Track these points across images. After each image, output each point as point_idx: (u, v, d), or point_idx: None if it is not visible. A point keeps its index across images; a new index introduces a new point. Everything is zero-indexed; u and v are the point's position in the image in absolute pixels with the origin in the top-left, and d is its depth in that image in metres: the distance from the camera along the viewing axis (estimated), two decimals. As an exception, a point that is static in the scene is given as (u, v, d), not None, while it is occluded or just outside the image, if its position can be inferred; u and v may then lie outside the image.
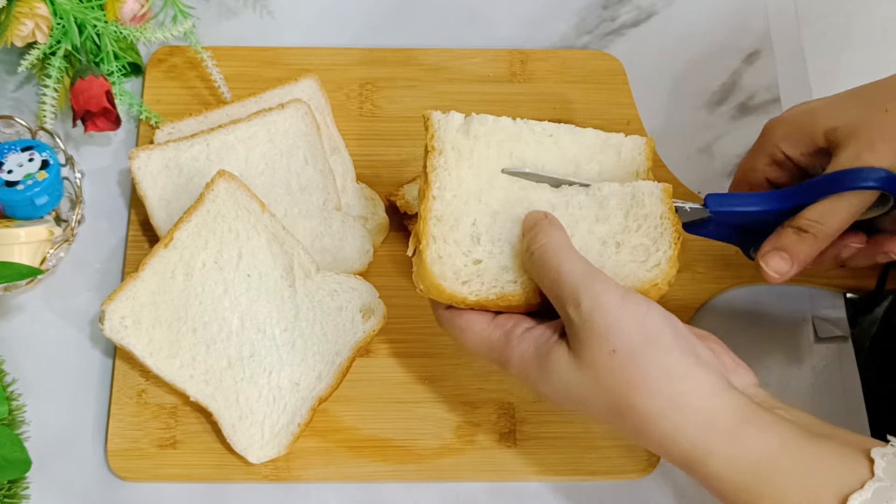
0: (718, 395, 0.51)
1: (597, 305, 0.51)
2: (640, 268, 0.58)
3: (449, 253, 0.57)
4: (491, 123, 0.60)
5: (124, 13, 0.73)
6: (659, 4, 0.83)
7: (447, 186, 0.58)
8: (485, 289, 0.57)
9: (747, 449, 0.50)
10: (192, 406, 0.67)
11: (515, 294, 0.57)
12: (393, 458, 0.67)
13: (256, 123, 0.71)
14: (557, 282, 0.53)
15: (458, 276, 0.57)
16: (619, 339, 0.51)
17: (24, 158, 0.70)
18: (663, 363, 0.51)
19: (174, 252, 0.66)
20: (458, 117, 0.60)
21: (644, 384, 0.50)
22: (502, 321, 0.57)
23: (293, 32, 0.81)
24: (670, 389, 0.50)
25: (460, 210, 0.57)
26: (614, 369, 0.51)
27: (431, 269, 0.56)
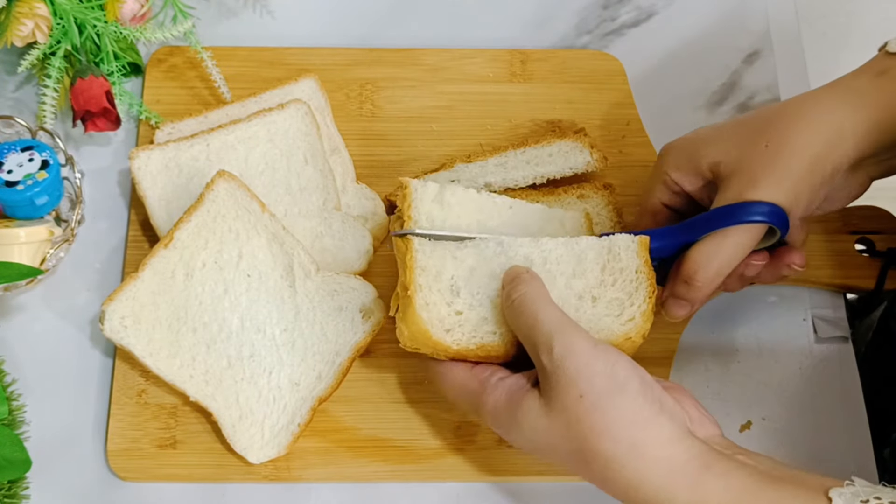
0: (679, 443, 0.52)
1: (568, 351, 0.53)
2: (615, 321, 0.60)
3: (434, 301, 0.59)
4: (461, 194, 0.64)
5: (124, 13, 0.73)
6: (659, 4, 0.83)
7: (426, 241, 0.60)
8: (465, 338, 0.59)
9: (708, 495, 0.51)
10: (191, 406, 0.67)
11: (494, 345, 0.59)
12: (393, 457, 0.67)
13: (256, 123, 0.71)
14: (533, 328, 0.55)
15: (443, 323, 0.59)
16: (586, 384, 0.52)
17: (24, 158, 0.70)
18: (627, 410, 0.52)
19: (174, 252, 0.66)
20: (433, 187, 0.63)
21: (607, 430, 0.52)
22: (479, 371, 0.59)
23: (293, 32, 0.81)
24: (633, 437, 0.52)
25: (440, 264, 0.59)
26: (581, 414, 0.52)
27: (420, 314, 0.58)
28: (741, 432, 0.69)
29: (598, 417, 0.52)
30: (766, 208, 0.58)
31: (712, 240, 0.59)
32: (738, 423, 0.70)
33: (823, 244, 0.73)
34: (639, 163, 0.76)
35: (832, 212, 0.67)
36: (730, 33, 0.82)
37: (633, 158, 0.76)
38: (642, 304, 0.60)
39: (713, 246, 0.59)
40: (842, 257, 0.73)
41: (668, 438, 0.52)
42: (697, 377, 0.71)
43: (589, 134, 0.75)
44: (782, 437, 0.69)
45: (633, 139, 0.77)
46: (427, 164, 0.75)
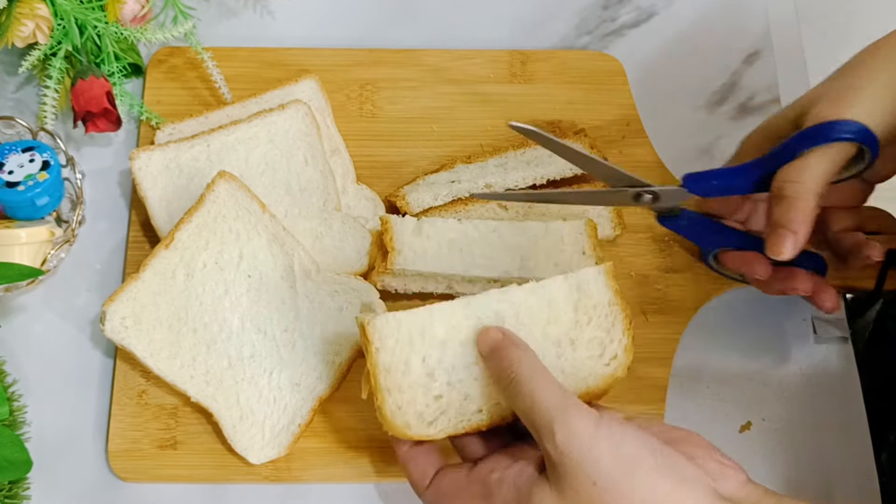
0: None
1: (570, 437, 0.50)
2: (598, 363, 0.58)
3: (407, 400, 0.55)
4: (440, 224, 0.67)
5: (125, 14, 0.73)
6: (659, 5, 0.83)
7: (388, 333, 0.55)
8: (452, 424, 0.56)
9: None
10: (192, 407, 0.67)
11: (483, 422, 0.57)
12: (393, 458, 0.66)
13: (257, 124, 0.71)
14: (532, 411, 0.52)
15: (423, 418, 0.56)
16: (597, 470, 0.49)
17: (24, 159, 0.70)
18: (644, 489, 0.49)
19: (175, 253, 0.66)
20: (411, 221, 0.68)
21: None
22: (478, 472, 0.55)
23: (293, 33, 0.81)
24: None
25: (406, 352, 0.55)
26: (596, 500, 0.49)
27: (394, 421, 0.55)
28: (741, 432, 0.69)
29: (616, 501, 0.49)
30: (854, 126, 0.57)
31: (799, 158, 0.58)
32: (738, 423, 0.70)
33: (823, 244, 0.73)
34: (639, 163, 0.76)
35: None
36: (730, 34, 0.82)
37: (633, 159, 0.76)
38: (622, 338, 0.58)
39: (800, 161, 0.58)
40: (842, 257, 0.73)
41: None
42: (697, 378, 0.71)
43: (589, 134, 0.75)
44: (782, 437, 0.69)
45: (633, 139, 0.77)
46: (427, 165, 0.75)
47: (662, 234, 0.74)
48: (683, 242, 0.73)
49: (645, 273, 0.73)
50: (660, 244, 0.74)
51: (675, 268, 0.73)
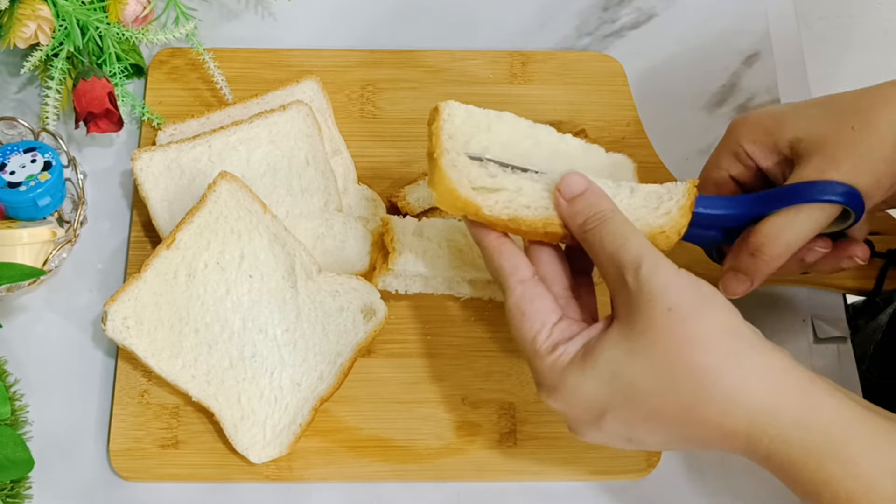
0: (776, 355, 0.50)
1: (655, 270, 0.51)
2: (651, 214, 0.58)
3: (464, 163, 0.56)
4: (440, 225, 0.67)
5: (126, 15, 0.73)
6: (659, 6, 0.84)
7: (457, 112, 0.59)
8: (499, 205, 0.56)
9: (819, 410, 0.49)
10: (194, 406, 0.67)
11: (527, 220, 0.56)
12: (394, 457, 0.67)
13: (258, 125, 0.72)
14: (623, 247, 0.52)
15: (475, 182, 0.56)
16: (675, 297, 0.50)
17: (26, 160, 0.70)
18: (719, 320, 0.50)
19: (176, 253, 0.66)
20: (412, 221, 0.68)
21: (700, 340, 0.50)
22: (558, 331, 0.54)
23: (295, 34, 0.81)
24: (728, 344, 0.50)
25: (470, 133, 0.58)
26: (669, 327, 0.50)
27: (447, 173, 0.55)
28: (741, 432, 0.70)
29: (689, 328, 0.50)
30: (845, 189, 0.57)
31: (785, 214, 0.58)
32: (738, 423, 0.70)
33: (823, 245, 0.74)
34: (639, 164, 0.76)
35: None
36: (729, 35, 0.82)
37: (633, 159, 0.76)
38: (680, 198, 0.58)
39: (786, 220, 0.58)
40: (841, 258, 0.73)
41: (763, 347, 0.50)
42: (697, 377, 0.71)
43: (589, 135, 0.75)
44: (782, 437, 0.69)
45: (633, 140, 0.77)
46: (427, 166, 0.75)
47: (662, 235, 0.74)
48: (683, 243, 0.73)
49: (645, 273, 0.73)
50: (660, 244, 0.74)
51: (675, 268, 0.73)
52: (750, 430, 0.49)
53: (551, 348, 0.53)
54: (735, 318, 0.51)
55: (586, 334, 0.53)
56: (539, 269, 0.57)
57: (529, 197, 0.57)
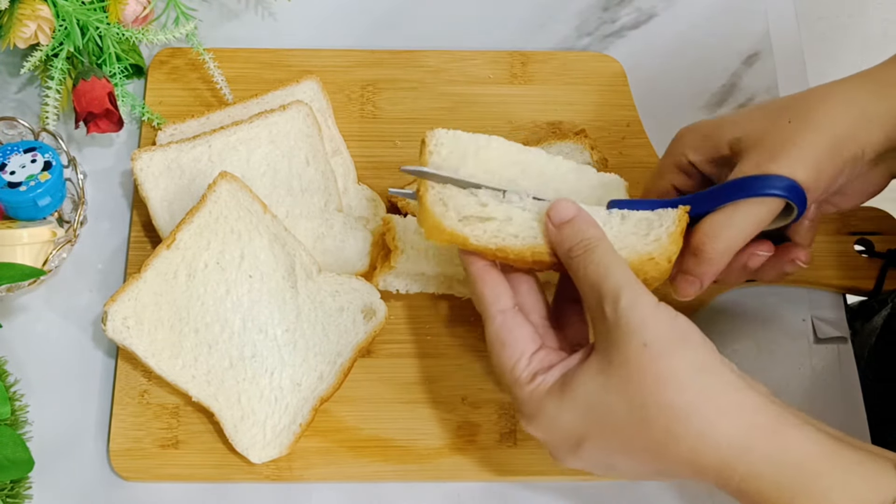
0: (749, 393, 0.50)
1: (634, 303, 0.51)
2: (641, 241, 0.58)
3: (451, 195, 0.57)
4: None
5: (126, 15, 0.73)
6: (659, 6, 0.84)
7: (444, 142, 0.60)
8: (486, 235, 0.57)
9: (789, 447, 0.49)
10: (194, 406, 0.67)
11: (514, 249, 0.57)
12: (394, 457, 0.67)
13: (258, 125, 0.72)
14: (604, 277, 0.53)
15: (460, 213, 0.57)
16: (652, 332, 0.50)
17: (26, 160, 0.70)
18: (693, 357, 0.51)
19: (176, 253, 0.66)
20: (413, 220, 0.66)
21: (674, 377, 0.50)
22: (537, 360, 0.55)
23: (295, 34, 0.81)
24: (701, 382, 0.50)
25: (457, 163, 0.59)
26: (645, 364, 0.50)
27: (432, 209, 0.56)
28: (741, 432, 0.70)
29: (663, 365, 0.50)
30: (785, 182, 0.56)
31: (724, 211, 0.57)
32: (738, 423, 0.70)
33: (823, 245, 0.74)
34: (639, 164, 0.76)
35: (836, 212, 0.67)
36: (729, 35, 0.82)
37: (634, 160, 0.77)
38: (670, 225, 0.58)
39: (724, 217, 0.57)
40: (842, 258, 0.73)
41: (736, 385, 0.50)
42: (697, 377, 0.71)
43: (589, 135, 0.75)
44: (782, 437, 0.69)
45: (633, 140, 0.77)
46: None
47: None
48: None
49: (645, 273, 0.73)
50: (660, 244, 0.74)
51: (676, 268, 0.73)
52: (721, 467, 0.50)
53: (530, 377, 0.55)
54: (710, 354, 0.51)
55: (564, 364, 0.55)
56: (518, 298, 0.58)
57: (518, 226, 0.58)
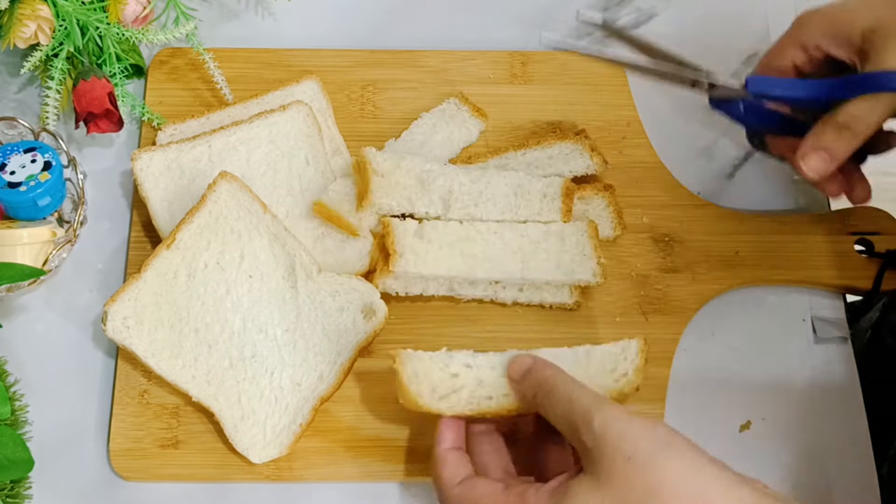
0: (742, 489, 0.50)
1: (607, 421, 0.52)
2: (608, 377, 0.60)
3: (425, 371, 0.59)
4: (441, 228, 0.68)
5: (126, 15, 0.73)
6: (659, 6, 0.84)
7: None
8: (461, 404, 0.59)
9: None
10: (194, 406, 0.67)
11: (490, 410, 0.59)
12: (394, 457, 0.67)
13: (258, 125, 0.72)
14: (569, 409, 0.54)
15: (436, 392, 0.59)
16: (632, 446, 0.50)
17: (26, 160, 0.70)
18: (681, 461, 0.50)
19: (176, 253, 0.66)
20: (412, 223, 0.68)
21: (665, 486, 0.50)
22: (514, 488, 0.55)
23: (295, 34, 0.81)
24: (694, 485, 0.49)
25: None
26: (632, 477, 0.50)
27: (409, 388, 0.59)
28: (741, 432, 0.70)
29: (652, 475, 0.50)
30: None
31: (868, 99, 0.61)
32: (738, 423, 0.70)
33: (823, 245, 0.74)
34: (639, 164, 0.76)
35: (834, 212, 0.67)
36: (729, 35, 0.82)
37: (633, 160, 0.77)
38: (635, 358, 0.61)
39: (871, 104, 0.61)
40: (841, 258, 0.73)
41: (729, 482, 0.50)
42: (697, 377, 0.71)
43: (590, 136, 0.75)
44: (782, 437, 0.69)
45: (633, 140, 0.77)
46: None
47: (662, 235, 0.74)
48: (684, 243, 0.74)
49: (645, 273, 0.73)
50: (660, 244, 0.74)
51: (675, 268, 0.73)
52: None
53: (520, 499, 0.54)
54: (698, 456, 0.51)
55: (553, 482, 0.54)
56: (479, 459, 0.60)
57: (490, 387, 0.59)
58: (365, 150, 0.69)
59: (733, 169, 0.78)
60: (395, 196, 0.69)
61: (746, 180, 0.77)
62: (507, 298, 0.71)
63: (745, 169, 0.78)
